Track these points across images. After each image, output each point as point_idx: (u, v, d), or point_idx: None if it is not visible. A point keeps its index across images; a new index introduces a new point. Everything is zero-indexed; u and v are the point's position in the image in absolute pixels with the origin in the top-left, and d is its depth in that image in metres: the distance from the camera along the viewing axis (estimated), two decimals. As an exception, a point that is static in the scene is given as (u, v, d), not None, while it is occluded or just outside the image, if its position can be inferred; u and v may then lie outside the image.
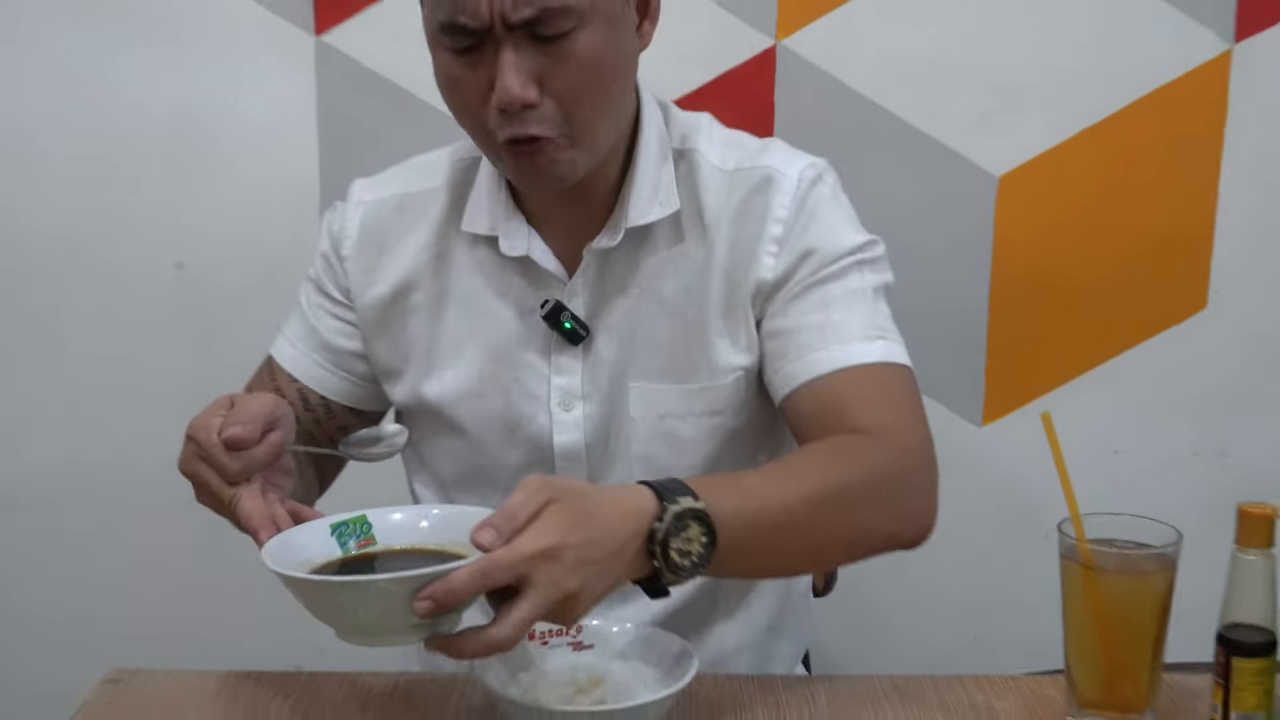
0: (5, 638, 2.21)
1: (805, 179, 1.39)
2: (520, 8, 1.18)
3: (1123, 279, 2.23)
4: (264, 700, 1.23)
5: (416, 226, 1.45)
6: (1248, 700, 1.22)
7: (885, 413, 1.32)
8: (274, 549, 1.13)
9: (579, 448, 1.43)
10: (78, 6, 2.11)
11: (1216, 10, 2.14)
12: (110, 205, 2.17)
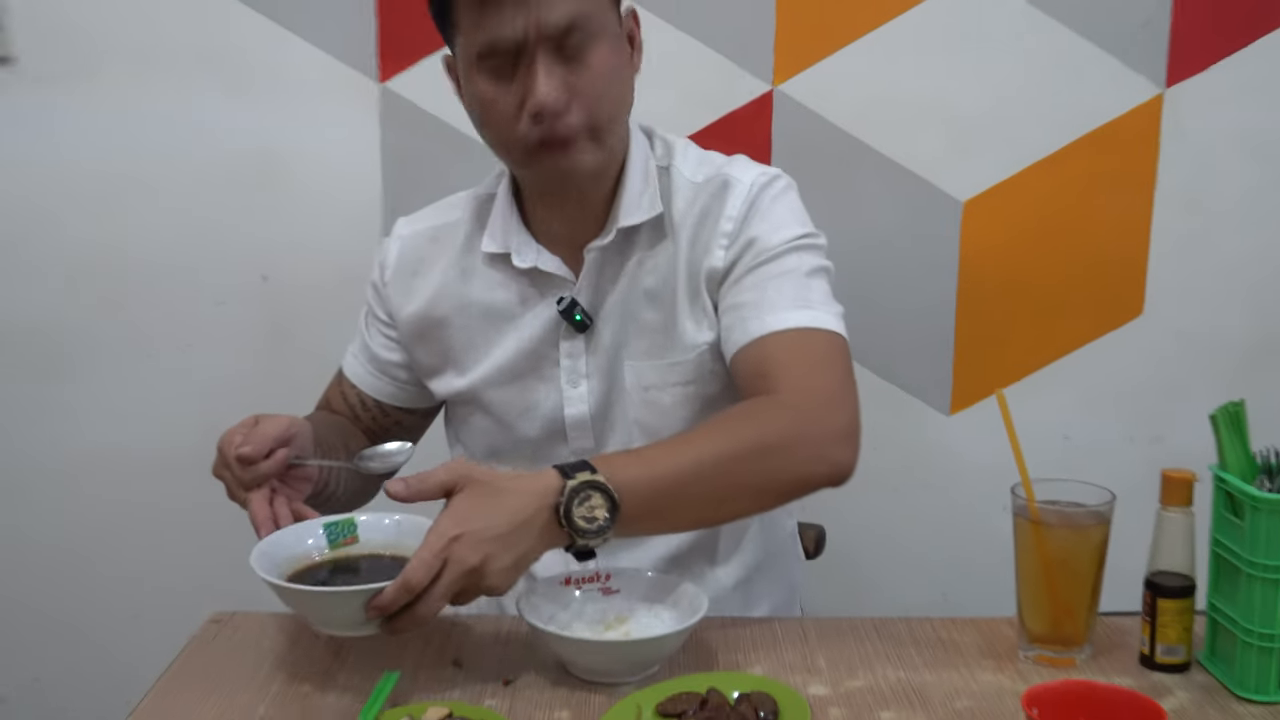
0: (138, 583, 2.25)
1: (757, 184, 1.41)
2: (552, 18, 1.24)
3: (1071, 289, 2.22)
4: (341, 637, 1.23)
5: (444, 253, 1.50)
6: (1170, 635, 1.22)
7: (796, 369, 1.32)
8: (263, 549, 1.21)
9: (585, 418, 1.46)
10: (184, 63, 2.12)
11: (1149, 58, 2.13)
12: (208, 227, 2.19)
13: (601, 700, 1.16)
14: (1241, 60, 2.14)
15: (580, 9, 1.26)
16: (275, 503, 1.30)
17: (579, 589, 1.30)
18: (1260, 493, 1.15)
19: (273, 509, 1.28)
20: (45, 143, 2.15)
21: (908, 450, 2.26)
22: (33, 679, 2.34)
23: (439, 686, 1.19)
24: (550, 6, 1.24)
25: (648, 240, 1.43)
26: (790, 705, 1.11)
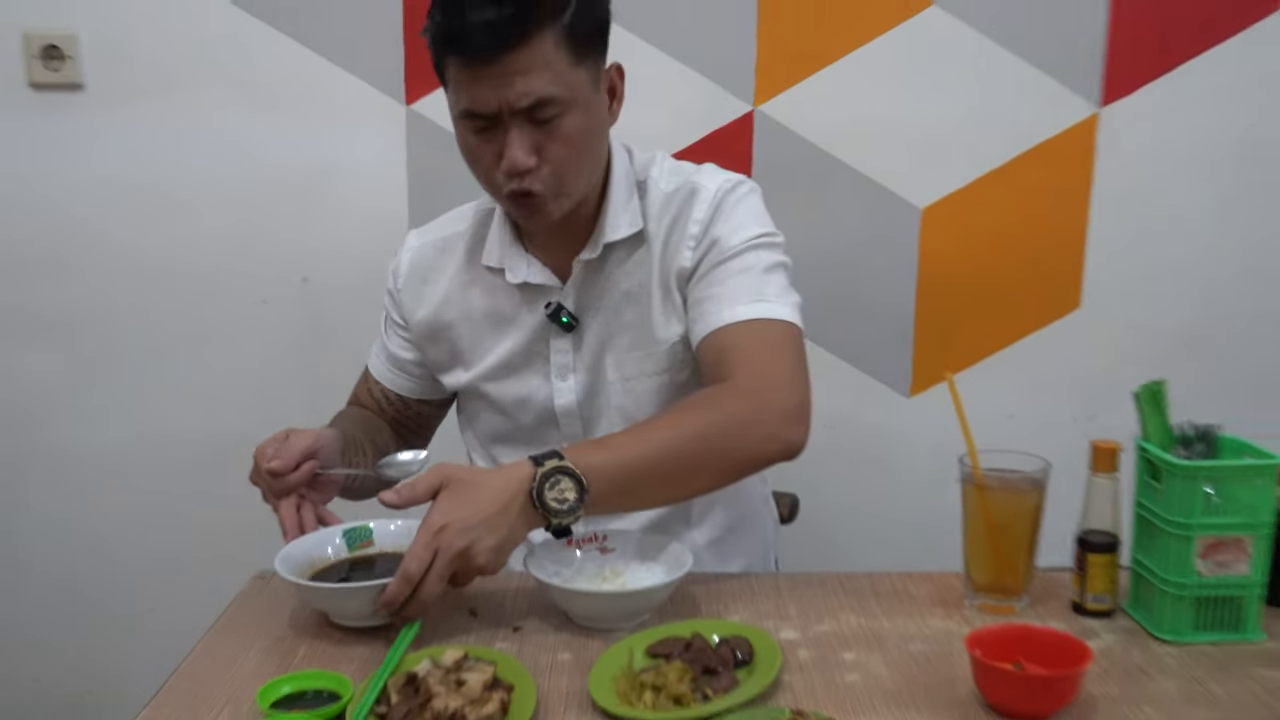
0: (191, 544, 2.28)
1: (722, 190, 1.41)
2: (520, 101, 1.24)
3: (1016, 286, 2.23)
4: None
5: (450, 263, 1.51)
6: (1098, 586, 1.24)
7: (751, 357, 1.32)
8: (286, 553, 1.24)
9: (573, 407, 1.47)
10: (235, 89, 2.13)
11: (1086, 81, 2.14)
12: (255, 234, 2.20)
13: (599, 644, 1.17)
14: (1166, 83, 2.15)
15: (547, 91, 1.25)
16: (302, 508, 1.33)
17: (579, 549, 1.31)
18: (1177, 460, 1.17)
19: (299, 515, 1.32)
20: (112, 159, 2.16)
21: (873, 428, 2.27)
22: (60, 657, 2.35)
23: (456, 632, 1.21)
24: (519, 92, 1.24)
25: (627, 249, 1.43)
26: (764, 647, 1.13)
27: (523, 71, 1.23)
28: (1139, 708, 1.05)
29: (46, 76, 2.11)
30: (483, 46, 1.22)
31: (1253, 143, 2.17)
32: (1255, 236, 2.21)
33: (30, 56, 2.10)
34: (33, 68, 2.11)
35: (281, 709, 1.02)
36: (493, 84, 1.24)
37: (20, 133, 2.15)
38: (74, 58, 2.11)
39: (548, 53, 1.24)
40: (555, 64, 1.25)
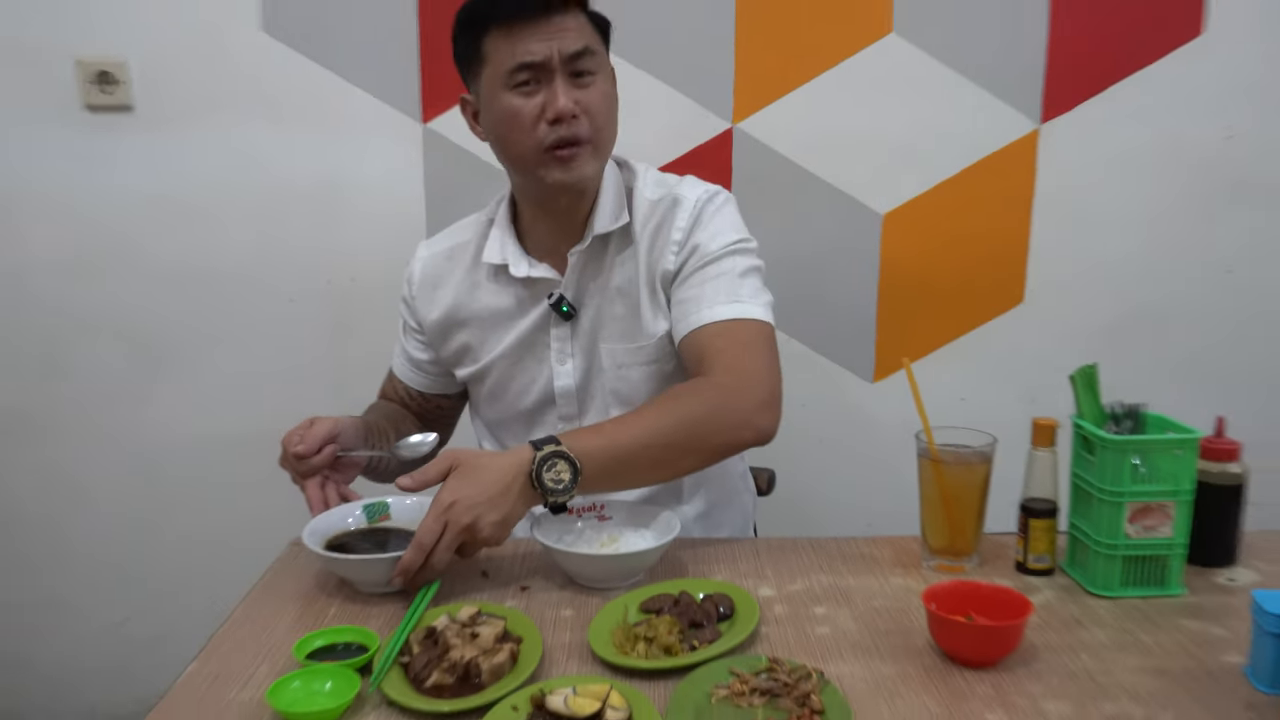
0: (232, 519, 2.28)
1: (701, 200, 1.42)
2: (571, 45, 1.30)
3: (967, 283, 2.24)
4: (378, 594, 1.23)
5: (458, 268, 1.51)
6: (1039, 547, 1.24)
7: (726, 353, 1.33)
8: (313, 526, 1.25)
9: (570, 389, 1.47)
10: (267, 110, 2.13)
11: (1028, 101, 2.14)
12: (285, 240, 2.19)
13: (597, 601, 1.18)
14: (1098, 102, 2.15)
15: (588, 42, 1.32)
16: (326, 487, 1.34)
17: (579, 517, 1.32)
18: (1108, 435, 1.18)
19: (324, 492, 1.33)
20: (158, 173, 2.15)
21: (840, 410, 2.27)
22: (125, 617, 2.36)
23: (471, 591, 1.21)
24: (570, 38, 1.30)
25: (616, 248, 1.43)
26: (743, 603, 1.14)
27: (571, 28, 1.30)
28: (1075, 655, 1.06)
29: (99, 99, 2.11)
30: (538, 5, 1.28)
31: (1172, 155, 2.18)
32: (1175, 238, 2.21)
33: (85, 81, 2.10)
34: (88, 91, 2.10)
35: (315, 660, 1.02)
36: (544, 36, 1.29)
37: (77, 149, 2.14)
38: (124, 82, 2.10)
39: (584, 21, 1.34)
40: (590, 32, 1.34)
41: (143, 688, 1.04)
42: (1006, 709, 0.96)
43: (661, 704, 0.94)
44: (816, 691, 0.96)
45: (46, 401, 2.25)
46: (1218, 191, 2.19)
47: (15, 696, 2.40)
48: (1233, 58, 2.13)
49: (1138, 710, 0.95)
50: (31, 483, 2.29)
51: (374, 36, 2.10)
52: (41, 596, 2.34)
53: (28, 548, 2.32)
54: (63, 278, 2.20)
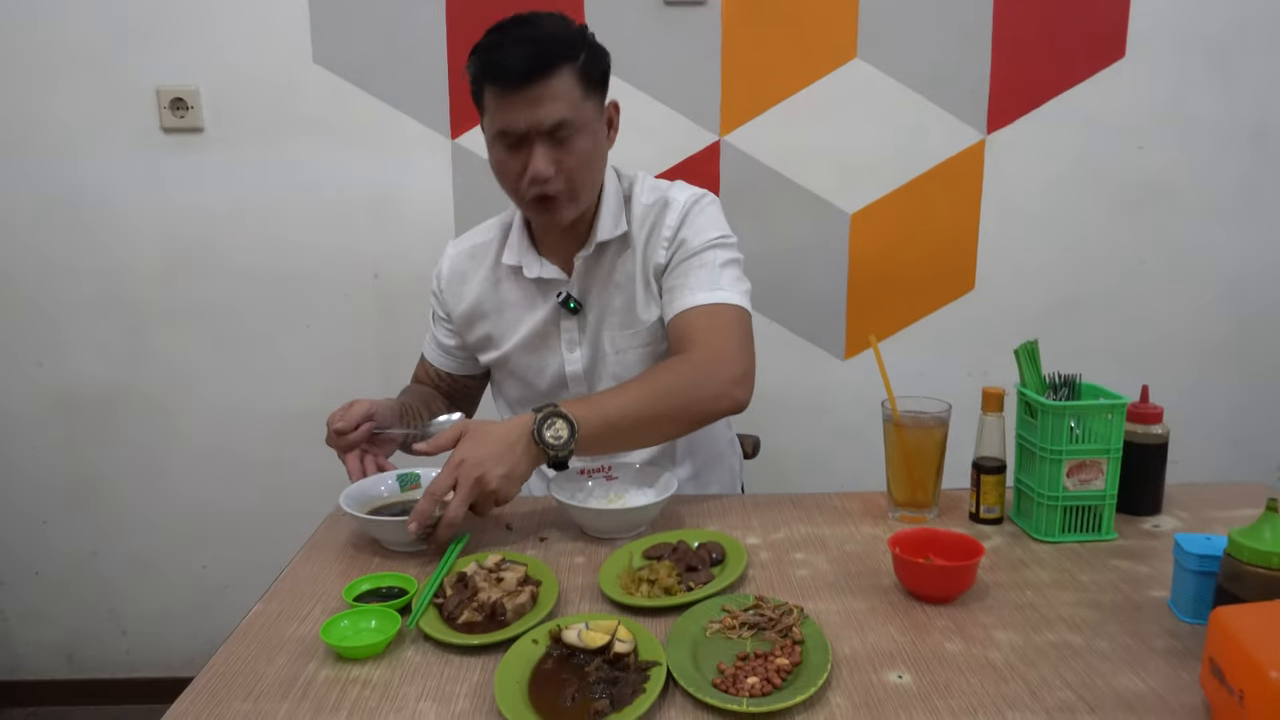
0: (295, 485, 2.26)
1: (689, 201, 1.40)
2: (545, 121, 1.23)
3: (924, 273, 2.21)
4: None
5: (481, 267, 1.48)
6: (989, 500, 1.23)
7: (704, 334, 1.31)
8: (349, 493, 1.23)
9: (579, 374, 1.45)
10: (319, 129, 2.10)
11: (974, 113, 2.12)
12: (337, 242, 2.17)
13: (606, 549, 1.16)
14: (1035, 116, 2.12)
15: (566, 115, 1.24)
16: (365, 459, 1.32)
17: (590, 478, 1.30)
18: (1048, 401, 1.16)
19: (362, 464, 1.31)
20: (225, 188, 2.12)
21: (816, 384, 2.24)
22: (202, 566, 2.35)
23: (496, 543, 1.20)
24: (545, 113, 1.23)
25: (616, 249, 1.41)
26: (733, 549, 1.12)
27: (549, 98, 1.23)
28: (1021, 591, 1.04)
29: (174, 122, 2.08)
30: (517, 77, 1.21)
31: (1095, 162, 2.16)
32: (1099, 233, 2.19)
33: (161, 107, 2.07)
34: (164, 116, 2.08)
35: (361, 601, 1.01)
36: (524, 107, 1.23)
37: (155, 167, 2.12)
38: (195, 108, 2.07)
39: (566, 85, 1.24)
40: (571, 95, 1.25)
41: (216, 631, 1.02)
42: (963, 638, 0.94)
43: (662, 637, 0.93)
44: (797, 624, 0.94)
45: (136, 385, 2.23)
46: (1133, 194, 2.18)
47: (109, 642, 2.40)
48: (1147, 79, 2.12)
49: (1076, 638, 0.94)
50: (122, 454, 2.27)
51: (408, 64, 2.07)
52: (130, 553, 2.34)
53: (119, 509, 2.31)
54: (148, 277, 2.18)
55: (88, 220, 2.15)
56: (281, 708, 0.84)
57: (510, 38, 1.23)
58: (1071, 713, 0.81)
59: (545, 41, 1.22)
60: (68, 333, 2.21)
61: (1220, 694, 0.77)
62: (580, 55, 1.25)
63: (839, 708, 0.82)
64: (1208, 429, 2.30)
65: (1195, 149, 2.16)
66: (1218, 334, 2.27)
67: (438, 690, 0.86)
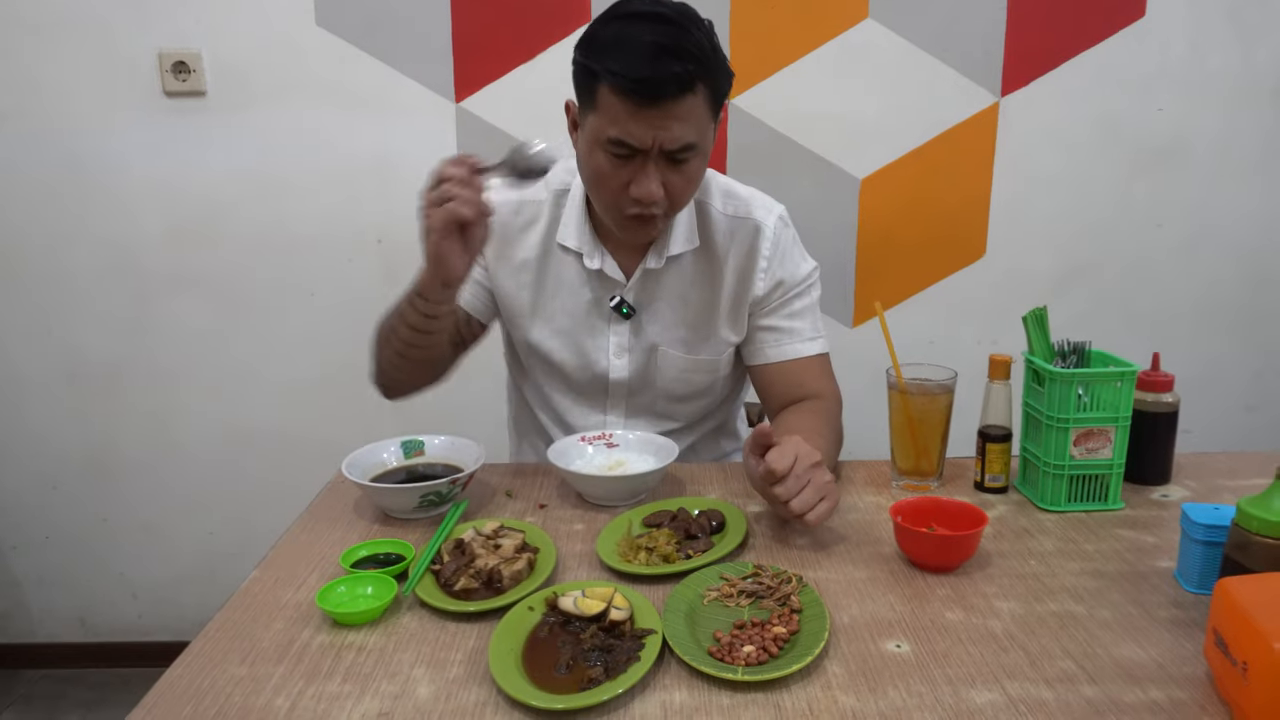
0: (299, 451, 2.26)
1: (777, 229, 1.36)
2: (672, 144, 1.13)
3: (934, 239, 2.18)
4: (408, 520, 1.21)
5: (529, 230, 1.36)
6: (994, 468, 1.22)
7: (823, 383, 1.37)
8: (352, 459, 1.20)
9: (624, 381, 1.40)
10: (323, 94, 2.07)
11: (989, 77, 2.07)
12: (342, 206, 2.15)
13: (605, 517, 1.15)
14: (1051, 78, 2.08)
15: (693, 139, 1.14)
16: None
17: (591, 445, 1.29)
18: (1056, 369, 1.14)
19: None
20: (227, 153, 2.11)
21: (822, 352, 2.23)
22: (209, 532, 2.37)
23: (496, 509, 1.19)
24: (674, 136, 1.12)
25: (688, 262, 1.35)
26: (733, 517, 1.11)
27: (680, 118, 1.11)
28: (1024, 560, 1.03)
29: (176, 86, 2.06)
30: (657, 92, 1.09)
31: (1111, 126, 2.11)
32: (1114, 198, 2.16)
33: (164, 71, 2.05)
34: (166, 79, 2.06)
35: (358, 569, 1.00)
36: (652, 123, 1.11)
37: (158, 132, 2.10)
38: (198, 71, 2.05)
39: (699, 106, 1.13)
40: (701, 116, 1.14)
41: (225, 597, 1.02)
42: (964, 607, 0.93)
43: (660, 604, 0.92)
44: (796, 593, 0.93)
45: (143, 352, 2.23)
46: (1150, 157, 2.14)
47: (120, 606, 2.42)
48: (1166, 41, 2.07)
49: (1078, 608, 0.93)
50: (131, 421, 2.28)
51: (412, 27, 2.04)
52: (140, 519, 2.35)
53: (128, 476, 2.32)
54: (152, 244, 2.17)
55: (90, 187, 2.13)
56: (276, 672, 0.84)
57: (648, 42, 1.08)
58: (1072, 682, 0.80)
59: (689, 54, 1.09)
60: (75, 301, 2.20)
61: (1223, 665, 0.76)
62: (717, 73, 1.14)
63: (835, 676, 0.82)
64: (1221, 395, 2.27)
65: (1214, 110, 2.11)
66: (1233, 299, 2.23)
67: (432, 656, 0.86)
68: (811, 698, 0.79)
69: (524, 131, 2.07)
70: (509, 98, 2.06)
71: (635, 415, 1.43)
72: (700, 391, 1.42)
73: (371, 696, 0.80)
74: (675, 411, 1.43)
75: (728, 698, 0.79)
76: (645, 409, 1.42)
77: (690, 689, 0.80)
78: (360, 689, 0.81)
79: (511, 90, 2.06)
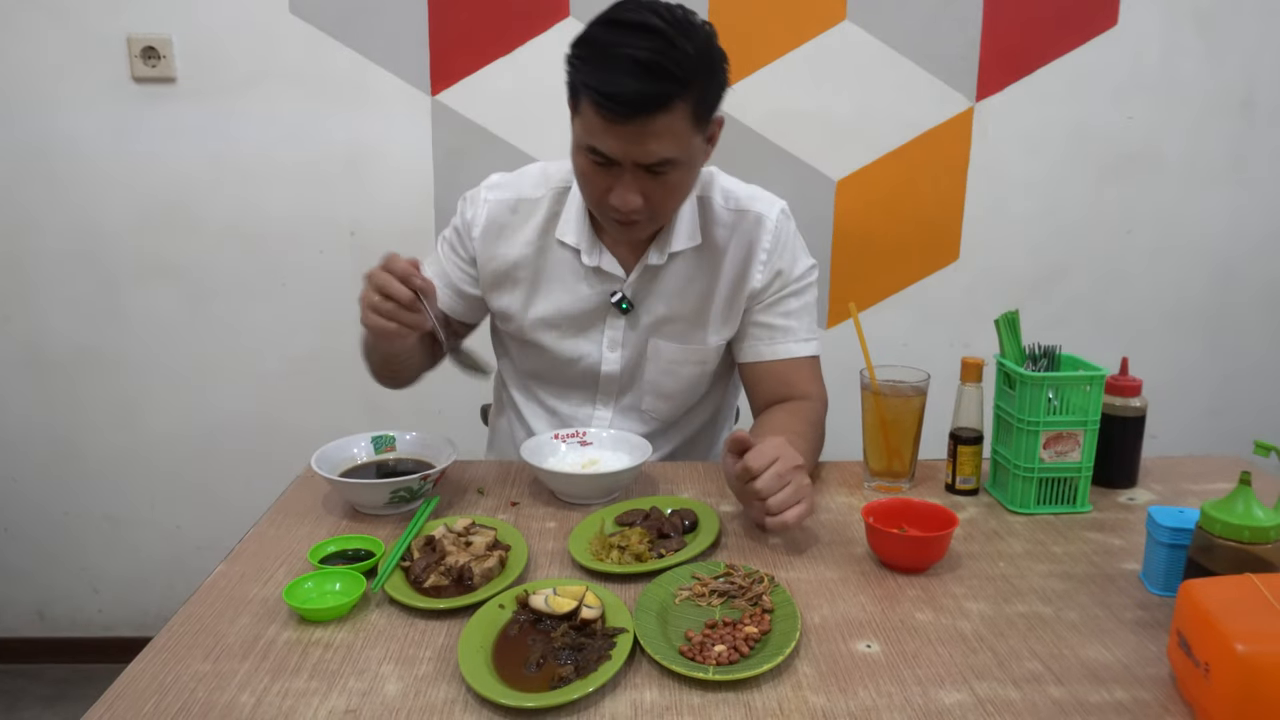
0: (269, 443, 2.24)
1: (779, 222, 1.37)
2: (646, 159, 1.13)
3: (909, 242, 2.20)
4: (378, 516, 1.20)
5: (525, 226, 1.35)
6: (966, 470, 1.22)
7: (812, 384, 1.38)
8: (323, 453, 1.19)
9: (615, 373, 1.40)
10: (295, 83, 2.05)
11: (963, 80, 2.09)
12: (313, 198, 2.13)
13: (577, 515, 1.15)
14: (1024, 84, 2.10)
15: (670, 154, 1.13)
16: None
17: (564, 443, 1.29)
18: (1027, 373, 1.15)
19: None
20: (197, 141, 2.08)
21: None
22: (175, 526, 2.34)
23: (467, 507, 1.18)
24: (649, 148, 1.11)
25: (689, 256, 1.34)
26: (706, 516, 1.11)
27: (655, 135, 1.10)
28: (994, 562, 1.04)
29: (145, 72, 2.03)
30: (629, 110, 1.08)
31: (1083, 133, 2.14)
32: (1086, 204, 2.19)
33: (132, 56, 2.02)
34: (134, 65, 2.03)
35: (327, 564, 0.99)
36: (626, 138, 1.11)
37: (125, 118, 2.07)
38: (167, 57, 2.02)
39: (678, 122, 1.11)
40: (681, 132, 1.12)
41: (189, 592, 1.01)
42: (934, 608, 0.94)
43: (632, 603, 0.92)
44: (767, 593, 0.94)
45: (107, 342, 2.20)
46: (1121, 164, 2.17)
47: (81, 600, 2.39)
48: (1138, 50, 2.10)
49: (1046, 609, 0.94)
50: (95, 411, 2.25)
51: (388, 17, 2.02)
52: (103, 512, 2.32)
53: (92, 468, 2.28)
54: (118, 232, 2.13)
55: (56, 171, 2.10)
56: (241, 668, 0.83)
57: (627, 54, 1.07)
58: (1039, 683, 0.81)
59: (665, 73, 1.07)
60: (36, 288, 2.17)
61: (1186, 666, 0.77)
62: (700, 88, 1.12)
63: (806, 676, 0.82)
64: (1185, 399, 2.31)
65: (1184, 119, 2.15)
66: (1201, 305, 2.27)
67: (400, 653, 0.85)
68: (782, 697, 0.79)
69: (502, 128, 2.06)
70: (486, 92, 2.05)
71: (623, 412, 1.43)
72: (688, 386, 1.41)
73: (339, 693, 0.79)
74: (661, 410, 1.43)
75: (698, 697, 0.79)
76: (632, 406, 1.42)
77: (661, 688, 0.80)
78: (327, 686, 0.80)
79: (488, 85, 2.05)
